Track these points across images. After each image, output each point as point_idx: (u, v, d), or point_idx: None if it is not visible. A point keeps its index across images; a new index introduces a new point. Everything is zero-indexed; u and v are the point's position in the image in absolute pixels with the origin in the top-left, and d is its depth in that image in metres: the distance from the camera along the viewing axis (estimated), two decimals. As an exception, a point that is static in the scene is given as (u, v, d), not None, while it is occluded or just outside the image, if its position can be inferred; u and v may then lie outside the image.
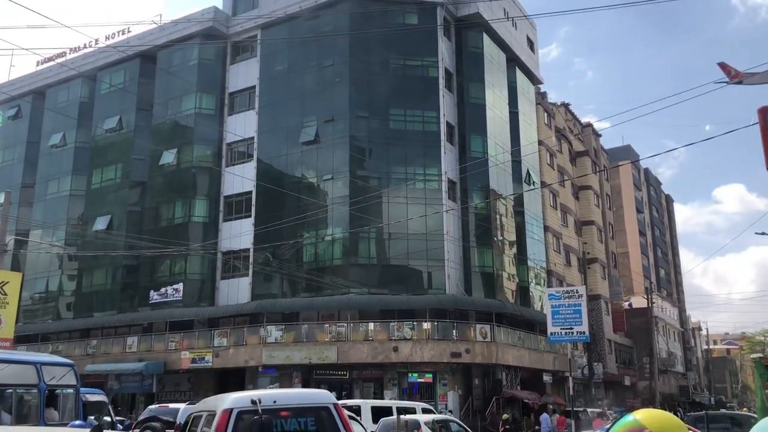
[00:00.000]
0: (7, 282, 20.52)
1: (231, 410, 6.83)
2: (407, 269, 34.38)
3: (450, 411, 29.25)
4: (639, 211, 71.42)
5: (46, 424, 9.12)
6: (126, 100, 41.52)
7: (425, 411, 19.92)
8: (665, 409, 34.10)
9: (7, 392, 9.53)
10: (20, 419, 9.39)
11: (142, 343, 36.08)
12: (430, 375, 32.29)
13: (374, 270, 34.42)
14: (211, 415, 7.18)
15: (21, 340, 35.12)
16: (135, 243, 35.88)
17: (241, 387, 32.15)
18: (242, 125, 38.18)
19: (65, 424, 9.00)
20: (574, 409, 20.70)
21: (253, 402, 6.81)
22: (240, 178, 37.29)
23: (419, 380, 32.29)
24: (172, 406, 16.64)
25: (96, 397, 14.78)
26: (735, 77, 12.21)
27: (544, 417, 25.33)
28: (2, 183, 44.81)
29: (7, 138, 47.29)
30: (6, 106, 47.43)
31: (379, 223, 33.39)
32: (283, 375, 32.62)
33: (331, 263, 34.51)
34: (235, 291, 36.36)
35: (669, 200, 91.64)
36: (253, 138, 38.07)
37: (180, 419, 12.72)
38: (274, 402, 6.97)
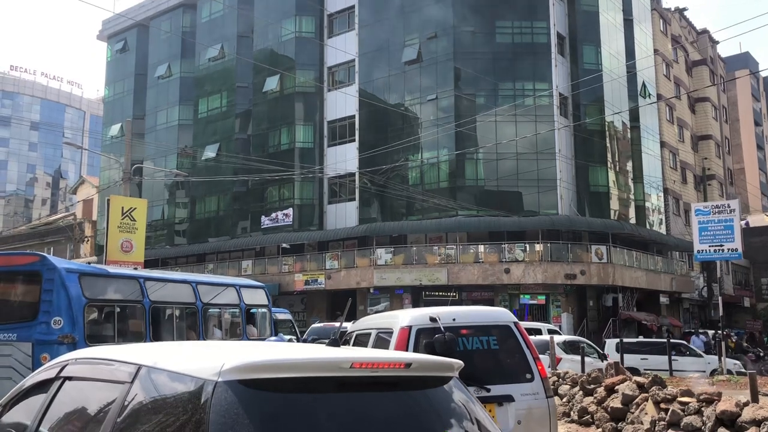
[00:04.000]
0: (135, 208, 21.35)
1: (410, 328, 6.49)
2: (516, 190, 33.41)
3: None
4: (757, 123, 66.40)
5: (248, 339, 9.45)
6: (226, 27, 41.67)
7: (551, 332, 19.55)
8: None
9: (215, 311, 10.13)
10: (226, 334, 9.93)
11: (257, 266, 37.29)
12: (543, 297, 31.77)
13: (482, 192, 33.68)
14: (385, 332, 6.91)
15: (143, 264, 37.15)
16: (244, 170, 36.62)
17: (353, 308, 32.85)
18: (342, 48, 37.49)
19: (263, 339, 9.28)
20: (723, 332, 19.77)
21: (432, 319, 6.44)
22: (343, 103, 36.95)
23: (531, 302, 31.85)
24: (338, 324, 16.97)
25: (283, 315, 15.43)
26: None
27: (694, 339, 25.02)
28: (115, 115, 46.62)
29: (116, 71, 48.80)
30: (114, 39, 48.77)
31: (487, 143, 32.35)
32: (393, 296, 32.97)
33: (438, 185, 34.00)
34: (343, 215, 36.68)
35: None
36: (353, 60, 37.40)
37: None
38: (453, 320, 6.56)
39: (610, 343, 21.38)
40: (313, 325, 17.42)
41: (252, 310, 10.70)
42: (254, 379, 2.35)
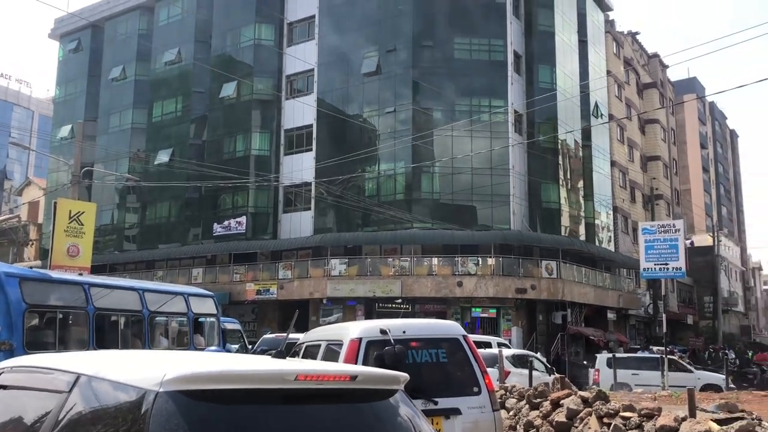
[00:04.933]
0: (83, 212, 20.85)
1: (360, 340, 6.48)
2: (471, 204, 33.79)
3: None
4: (703, 146, 68.68)
5: (196, 349, 9.30)
6: (184, 31, 41.21)
7: (500, 345, 19.75)
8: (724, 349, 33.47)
9: (162, 319, 9.92)
10: (173, 344, 9.73)
11: (208, 274, 36.74)
12: (494, 310, 32.12)
13: (437, 205, 33.97)
14: (335, 344, 6.88)
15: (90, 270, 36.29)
16: (197, 176, 36.11)
17: (305, 319, 32.62)
18: (302, 57, 37.44)
19: (202, 349, 9.15)
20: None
21: (383, 331, 6.44)
22: (300, 112, 36.86)
23: (482, 315, 32.17)
24: (292, 336, 16.80)
25: (232, 325, 15.14)
26: None
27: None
28: (65, 116, 45.49)
29: (68, 71, 47.65)
30: (66, 39, 47.65)
31: (443, 157, 32.69)
32: (345, 307, 32.89)
33: (394, 198, 34.16)
34: (298, 224, 36.48)
35: (734, 136, 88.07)
36: (312, 70, 37.38)
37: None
38: (404, 332, 6.58)
39: (601, 359, 21.70)
40: (265, 336, 17.17)
41: (200, 320, 10.51)
42: (197, 390, 2.33)
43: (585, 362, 28.02)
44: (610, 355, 22.31)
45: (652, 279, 28.30)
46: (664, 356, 18.86)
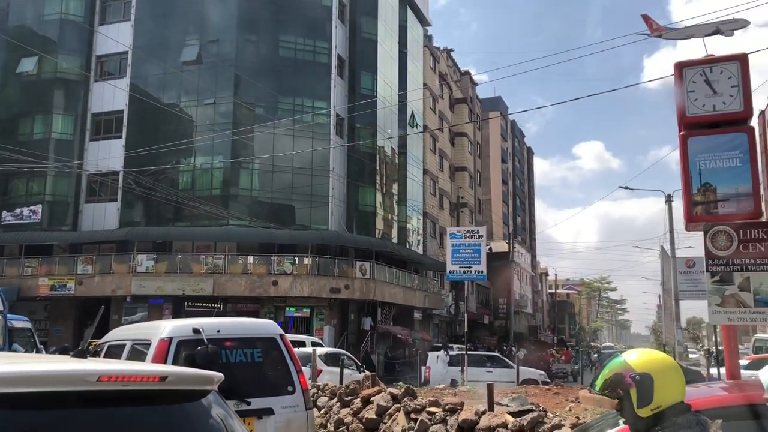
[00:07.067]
0: None
1: (170, 339, 6.15)
2: (290, 203, 33.73)
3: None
4: (503, 161, 74.52)
5: None
6: (-25, -6, 36.66)
7: (314, 344, 19.89)
8: (510, 347, 36.67)
9: None
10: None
11: (-7, 267, 32.98)
12: (308, 309, 32.28)
13: (255, 202, 33.49)
14: (141, 344, 6.47)
15: None
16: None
17: (106, 318, 30.47)
18: (115, 37, 34.93)
19: None
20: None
21: (196, 331, 6.18)
22: (111, 95, 34.47)
23: (296, 314, 32.19)
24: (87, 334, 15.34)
25: (21, 323, 13.46)
26: (656, 30, 12.51)
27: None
28: None
29: None
30: None
31: (263, 154, 32.27)
32: (151, 306, 31.24)
33: (210, 193, 33.12)
34: (101, 216, 34.01)
35: (530, 153, 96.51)
36: (127, 52, 35.07)
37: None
38: (218, 331, 6.37)
39: (432, 356, 22.79)
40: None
41: (-19, 317, 9.39)
42: (-20, 395, 2.05)
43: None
44: (441, 353, 23.62)
45: (457, 281, 30.12)
46: (465, 353, 20.15)
